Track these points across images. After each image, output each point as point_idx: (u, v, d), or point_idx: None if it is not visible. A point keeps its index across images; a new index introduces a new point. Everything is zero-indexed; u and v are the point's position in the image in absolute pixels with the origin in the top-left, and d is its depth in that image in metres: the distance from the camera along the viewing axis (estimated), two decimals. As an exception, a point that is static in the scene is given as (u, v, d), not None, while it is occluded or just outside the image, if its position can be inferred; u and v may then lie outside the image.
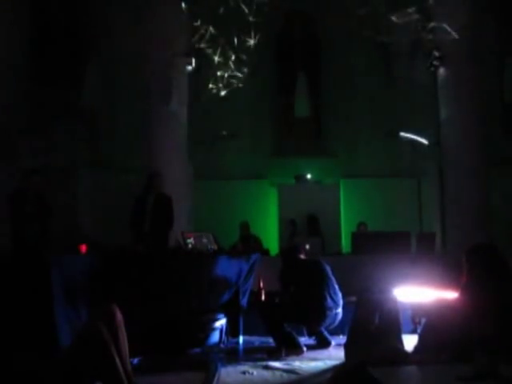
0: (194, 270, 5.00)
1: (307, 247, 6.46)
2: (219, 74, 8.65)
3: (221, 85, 8.68)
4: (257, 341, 5.34)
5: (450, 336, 3.68)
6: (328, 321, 5.02)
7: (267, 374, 4.21)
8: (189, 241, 5.35)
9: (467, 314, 3.70)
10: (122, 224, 6.69)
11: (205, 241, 5.52)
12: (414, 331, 5.05)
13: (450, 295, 4.16)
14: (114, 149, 9.02)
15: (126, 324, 3.27)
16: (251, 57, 10.26)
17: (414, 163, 9.81)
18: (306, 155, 10.89)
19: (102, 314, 3.22)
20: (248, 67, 9.89)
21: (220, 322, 5.09)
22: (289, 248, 5.85)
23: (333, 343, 5.10)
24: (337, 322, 5.07)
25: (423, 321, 4.37)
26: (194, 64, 8.60)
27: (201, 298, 5.04)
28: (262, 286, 5.38)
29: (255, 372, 4.24)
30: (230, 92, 8.88)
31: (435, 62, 8.76)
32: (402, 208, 9.74)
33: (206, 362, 4.42)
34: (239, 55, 9.31)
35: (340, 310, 5.06)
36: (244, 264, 5.49)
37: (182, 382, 4.11)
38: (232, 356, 4.82)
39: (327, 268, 5.19)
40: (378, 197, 10.19)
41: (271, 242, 9.78)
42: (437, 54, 8.71)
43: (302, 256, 5.38)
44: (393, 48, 10.06)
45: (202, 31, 8.42)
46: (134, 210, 6.54)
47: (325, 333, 5.14)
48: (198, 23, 8.37)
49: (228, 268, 5.27)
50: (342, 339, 4.80)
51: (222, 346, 5.09)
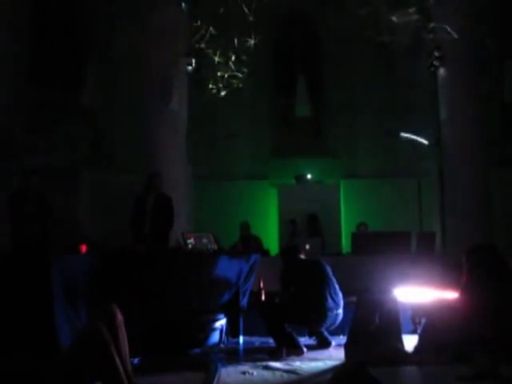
0: (194, 270, 5.00)
1: (307, 247, 6.46)
2: (219, 74, 8.66)
3: (221, 85, 8.68)
4: (257, 341, 5.34)
5: (450, 336, 3.68)
6: (329, 321, 5.01)
7: (267, 374, 4.21)
8: (189, 241, 5.35)
9: (467, 314, 3.70)
10: (122, 224, 6.69)
11: (205, 241, 5.52)
12: (414, 331, 5.05)
13: (450, 295, 4.17)
14: (114, 149, 9.02)
15: (126, 324, 3.27)
16: (251, 57, 10.28)
17: (414, 163, 9.80)
18: (306, 155, 10.89)
19: (102, 314, 3.23)
20: (248, 67, 9.90)
21: (220, 323, 5.09)
22: (289, 248, 5.84)
23: (333, 343, 5.09)
24: (337, 322, 5.07)
25: (423, 321, 4.37)
26: (193, 64, 8.59)
27: (201, 298, 5.04)
28: (262, 286, 5.37)
29: (255, 372, 4.24)
30: (230, 92, 8.87)
31: (435, 62, 8.76)
32: (402, 208, 9.73)
33: (206, 362, 4.42)
34: (239, 55, 9.32)
35: (341, 311, 5.06)
36: (244, 264, 5.49)
37: (182, 382, 4.11)
38: (232, 356, 4.82)
39: (327, 268, 5.19)
40: (378, 197, 10.19)
41: (271, 242, 9.77)
42: (437, 54, 8.71)
43: (302, 256, 5.38)
44: (393, 48, 10.05)
45: (202, 31, 8.42)
46: (134, 210, 6.54)
47: (325, 333, 5.14)
48: (198, 23, 8.37)
49: (228, 268, 5.27)
50: (343, 339, 4.80)
51: (222, 346, 5.08)
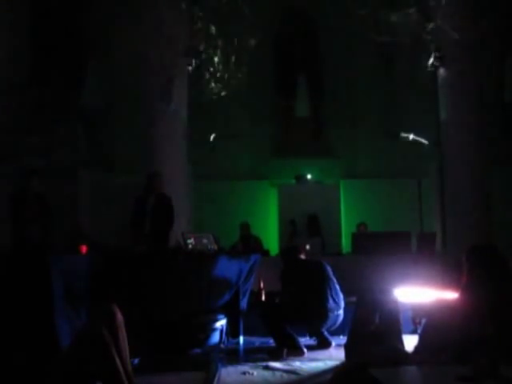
0: (194, 271, 5.00)
1: (307, 247, 6.46)
2: (219, 74, 8.65)
3: (221, 85, 8.68)
4: (257, 341, 5.34)
5: (451, 336, 3.68)
6: (329, 322, 5.01)
7: (267, 374, 4.21)
8: (189, 241, 5.35)
9: (467, 315, 3.70)
10: (122, 224, 6.69)
11: (205, 241, 5.52)
12: (414, 331, 5.05)
13: (451, 295, 4.16)
14: (114, 149, 9.00)
15: (126, 324, 3.26)
16: (251, 57, 10.28)
17: (414, 163, 9.80)
18: (306, 155, 10.88)
19: (102, 315, 3.22)
20: (248, 67, 9.90)
21: (220, 323, 5.09)
22: (289, 248, 5.85)
23: (333, 344, 5.09)
24: (338, 323, 5.07)
25: (423, 321, 4.37)
26: (193, 64, 8.59)
27: (201, 299, 5.04)
28: (262, 286, 5.37)
29: (255, 372, 4.24)
30: (230, 92, 8.88)
31: (435, 62, 8.75)
32: (402, 208, 9.72)
33: (207, 363, 4.42)
34: (239, 55, 9.32)
35: (341, 312, 5.06)
36: (244, 264, 5.49)
37: (182, 382, 4.12)
38: (232, 356, 4.82)
39: (328, 269, 5.19)
40: (378, 197, 10.19)
41: (271, 242, 9.78)
42: (437, 54, 8.70)
43: (302, 256, 5.38)
44: (393, 48, 10.06)
45: (202, 31, 8.42)
46: (135, 211, 6.53)
47: (325, 333, 5.14)
48: (198, 23, 8.37)
49: (228, 268, 5.27)
50: (343, 339, 4.80)
51: (222, 346, 5.09)
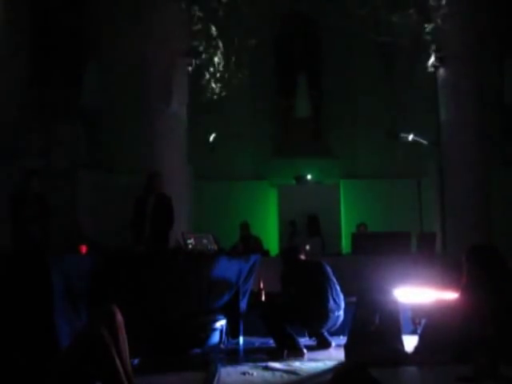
0: (194, 271, 4.99)
1: (307, 248, 6.47)
2: (219, 74, 8.65)
3: (221, 85, 8.68)
4: (257, 341, 5.33)
5: (450, 336, 3.68)
6: (330, 323, 5.00)
7: (267, 374, 4.21)
8: (189, 241, 5.35)
9: (467, 315, 3.70)
10: (122, 224, 6.69)
11: (205, 241, 5.52)
12: (414, 332, 5.05)
13: (450, 296, 4.17)
14: (114, 149, 9.02)
15: (126, 324, 3.26)
16: (251, 57, 10.28)
17: (414, 163, 9.80)
18: (306, 156, 10.89)
19: (102, 315, 3.22)
20: (248, 67, 9.90)
21: (220, 323, 5.09)
22: (288, 249, 5.84)
23: (333, 344, 5.09)
24: (338, 324, 5.06)
25: (423, 321, 4.37)
26: (193, 64, 8.59)
27: (201, 299, 5.04)
28: (262, 286, 5.37)
29: (255, 373, 4.23)
30: (230, 92, 8.88)
31: (435, 63, 8.75)
32: (402, 208, 9.73)
33: (207, 363, 4.42)
34: (239, 55, 9.32)
35: (342, 313, 5.05)
36: (244, 265, 5.49)
37: (182, 382, 4.11)
38: (232, 357, 4.82)
39: (328, 269, 5.18)
40: (378, 197, 10.19)
41: (271, 242, 9.78)
42: (437, 54, 8.70)
43: (302, 257, 5.38)
44: (393, 48, 10.06)
45: (202, 31, 8.42)
46: (135, 211, 6.53)
47: (325, 334, 5.14)
48: (198, 23, 8.37)
49: (228, 269, 5.26)
50: (343, 340, 4.80)
51: (222, 346, 5.08)
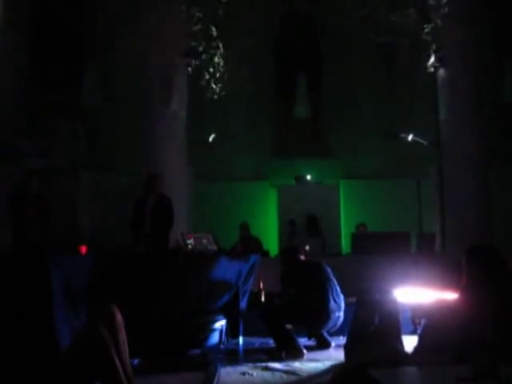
0: (194, 271, 5.00)
1: (307, 248, 6.46)
2: (219, 74, 8.65)
3: (221, 85, 8.68)
4: (257, 342, 5.33)
5: (450, 337, 3.68)
6: (330, 323, 5.00)
7: (267, 375, 4.21)
8: (189, 241, 5.35)
9: (467, 315, 3.70)
10: (121, 225, 6.69)
11: (204, 242, 5.52)
12: (413, 332, 5.05)
13: (450, 296, 4.16)
14: (114, 149, 9.02)
15: (125, 325, 3.26)
16: (251, 57, 10.29)
17: (414, 164, 9.80)
18: (305, 156, 10.88)
19: (101, 315, 3.22)
20: (248, 67, 9.90)
21: (220, 323, 5.09)
22: (288, 249, 5.83)
23: (333, 344, 5.09)
24: (338, 324, 5.06)
25: (423, 322, 4.37)
26: (193, 64, 8.59)
27: (200, 299, 5.04)
28: (262, 286, 5.37)
29: (255, 373, 4.23)
30: (230, 92, 8.88)
31: (435, 63, 8.75)
32: (402, 209, 9.73)
33: (206, 363, 4.42)
34: (239, 55, 9.32)
35: (342, 313, 5.05)
36: (244, 265, 5.49)
37: (181, 382, 4.11)
38: (232, 357, 4.82)
39: (328, 270, 5.18)
40: (377, 197, 10.18)
41: (271, 242, 9.78)
42: (437, 54, 8.70)
43: (302, 257, 5.38)
44: (393, 48, 10.06)
45: (202, 32, 8.42)
46: (134, 211, 6.53)
47: (325, 334, 5.14)
48: (198, 24, 8.37)
49: (228, 269, 5.27)
50: (342, 340, 4.79)
51: (221, 346, 5.09)
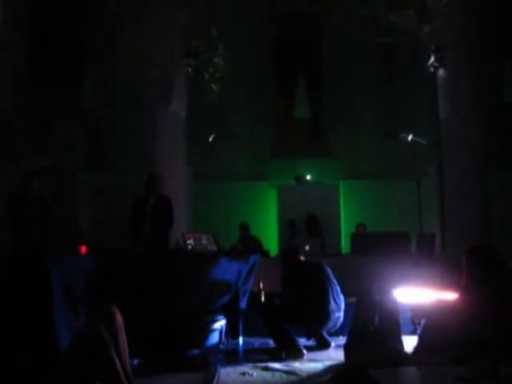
0: (194, 271, 5.00)
1: (307, 248, 6.46)
2: (219, 74, 8.65)
3: (220, 85, 8.67)
4: (257, 342, 5.34)
5: (450, 337, 3.67)
6: (330, 324, 5.01)
7: (267, 375, 4.21)
8: (188, 242, 5.35)
9: (467, 315, 3.70)
10: (121, 225, 6.69)
11: (204, 242, 5.52)
12: (413, 332, 5.05)
13: (450, 296, 4.16)
14: (114, 149, 9.02)
15: (125, 325, 3.26)
16: (251, 57, 10.28)
17: (414, 164, 9.79)
18: (305, 156, 10.87)
19: (101, 316, 3.22)
20: (248, 68, 9.89)
21: (220, 323, 5.09)
22: (288, 249, 5.83)
23: (332, 344, 5.09)
24: (338, 324, 5.06)
25: (423, 322, 4.37)
26: (193, 64, 8.58)
27: (200, 299, 5.04)
28: (261, 287, 5.37)
29: (255, 373, 4.24)
30: (230, 92, 8.87)
31: (435, 63, 8.75)
32: (402, 209, 9.71)
33: (206, 363, 4.43)
34: (239, 56, 9.32)
35: (342, 314, 5.05)
36: (244, 265, 5.49)
37: (181, 382, 4.12)
38: (232, 357, 4.83)
39: (328, 270, 5.19)
40: (377, 198, 10.18)
41: (271, 242, 9.77)
42: (437, 54, 8.70)
43: (302, 257, 5.38)
44: (393, 48, 10.05)
45: (202, 32, 8.42)
46: (134, 211, 6.53)
47: (325, 334, 5.14)
48: (198, 24, 8.37)
49: (228, 269, 5.26)
50: (342, 340, 4.80)
51: (221, 347, 5.09)
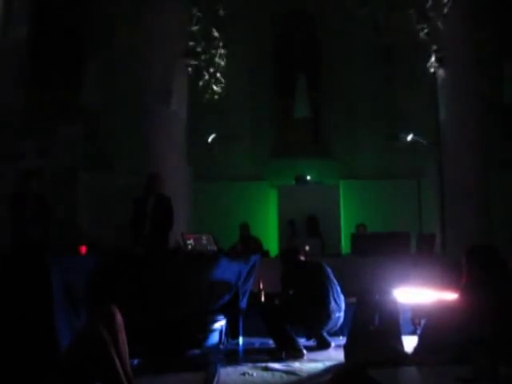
0: (194, 271, 4.99)
1: (307, 248, 6.46)
2: (219, 74, 8.65)
3: (220, 85, 8.68)
4: (257, 342, 5.34)
5: (450, 337, 3.67)
6: (331, 324, 5.01)
7: (267, 375, 4.21)
8: (188, 242, 5.35)
9: (467, 315, 3.69)
10: (121, 225, 6.69)
11: (204, 242, 5.52)
12: (413, 332, 5.05)
13: (450, 296, 4.16)
14: (114, 149, 9.02)
15: (125, 325, 3.26)
16: (251, 57, 10.29)
17: (414, 164, 9.80)
18: (305, 156, 10.87)
19: (101, 316, 3.22)
20: (248, 68, 9.89)
21: (220, 323, 5.09)
22: (288, 250, 5.84)
23: (332, 345, 5.09)
24: (338, 325, 5.07)
25: (423, 322, 4.37)
26: (193, 64, 8.58)
27: (200, 299, 5.03)
28: (261, 287, 5.37)
29: (255, 373, 4.24)
30: (230, 92, 8.87)
31: (435, 63, 8.75)
32: (402, 209, 9.73)
33: (206, 364, 4.42)
34: (239, 56, 9.32)
35: (342, 314, 5.05)
36: (243, 265, 5.49)
37: (181, 382, 4.12)
38: (232, 357, 4.83)
39: (328, 270, 5.19)
40: (377, 198, 10.18)
41: (271, 243, 9.77)
42: (437, 54, 8.70)
43: (302, 257, 5.38)
44: (393, 49, 10.06)
45: (202, 32, 8.42)
46: (134, 211, 6.53)
47: (325, 334, 5.14)
48: (198, 24, 8.37)
49: (228, 269, 5.26)
50: (342, 340, 4.80)
51: (221, 347, 5.09)
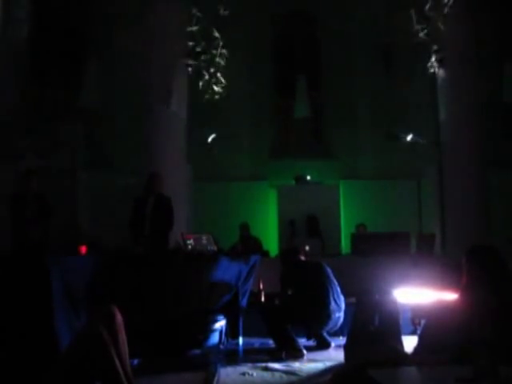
0: (194, 271, 4.99)
1: (307, 248, 6.46)
2: (219, 74, 8.66)
3: (220, 85, 8.68)
4: (257, 342, 5.34)
5: (450, 337, 3.67)
6: (331, 324, 5.01)
7: (267, 375, 4.21)
8: (188, 242, 5.35)
9: (467, 316, 3.69)
10: (121, 225, 6.69)
11: (204, 242, 5.52)
12: (413, 332, 5.05)
13: (450, 296, 4.16)
14: (114, 149, 9.03)
15: (125, 325, 3.26)
16: (251, 57, 10.29)
17: (414, 164, 9.80)
18: (305, 156, 10.87)
19: (101, 316, 3.22)
20: (248, 68, 9.89)
21: (220, 324, 5.08)
22: (288, 250, 5.84)
23: (332, 345, 5.09)
24: (338, 325, 5.07)
25: (423, 322, 4.37)
26: (193, 64, 8.58)
27: (200, 299, 5.03)
28: (261, 287, 5.37)
29: (255, 373, 4.24)
30: (230, 92, 8.88)
31: (435, 63, 8.75)
32: (402, 209, 9.73)
33: (206, 364, 4.42)
34: (239, 56, 9.32)
35: (342, 314, 5.05)
36: (243, 265, 5.49)
37: (181, 382, 4.12)
38: (232, 357, 4.82)
39: (328, 270, 5.19)
40: (377, 198, 10.18)
41: (271, 243, 9.77)
42: (437, 54, 8.71)
43: (302, 257, 5.38)
44: (393, 48, 10.06)
45: (202, 32, 8.43)
46: (134, 211, 6.53)
47: (325, 334, 5.14)
48: (198, 24, 8.38)
49: (228, 269, 5.26)
50: (342, 340, 4.80)
51: (221, 347, 5.08)
